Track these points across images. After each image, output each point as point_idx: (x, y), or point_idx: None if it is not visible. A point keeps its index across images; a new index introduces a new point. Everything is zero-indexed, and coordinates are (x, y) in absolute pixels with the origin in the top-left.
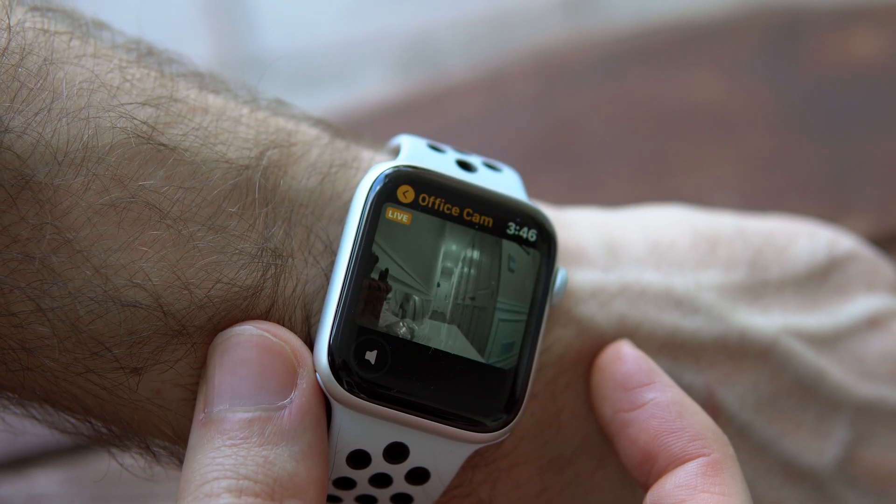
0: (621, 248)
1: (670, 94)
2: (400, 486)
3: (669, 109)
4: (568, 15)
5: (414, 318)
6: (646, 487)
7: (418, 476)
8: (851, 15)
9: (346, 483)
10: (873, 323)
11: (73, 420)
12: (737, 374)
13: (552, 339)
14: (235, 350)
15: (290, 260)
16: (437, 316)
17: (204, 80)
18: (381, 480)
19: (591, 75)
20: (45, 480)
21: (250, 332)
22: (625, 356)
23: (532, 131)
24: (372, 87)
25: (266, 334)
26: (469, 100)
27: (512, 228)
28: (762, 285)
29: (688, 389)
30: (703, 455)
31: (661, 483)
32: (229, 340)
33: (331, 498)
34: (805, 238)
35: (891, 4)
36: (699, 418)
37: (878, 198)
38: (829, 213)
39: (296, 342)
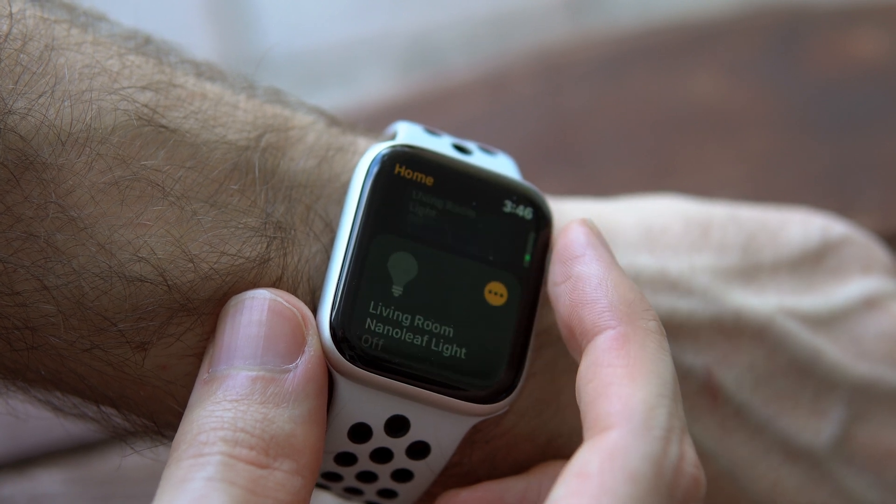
0: (615, 233)
1: (673, 93)
2: (401, 461)
3: (672, 109)
4: (570, 15)
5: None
6: None
7: (419, 451)
8: (854, 15)
9: (347, 458)
10: (869, 304)
11: (77, 402)
12: (734, 354)
13: (552, 321)
14: (246, 312)
15: (292, 232)
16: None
17: (201, 69)
18: (382, 455)
19: (593, 75)
20: (47, 480)
21: (263, 296)
22: (568, 229)
23: (534, 131)
24: (374, 86)
25: (279, 299)
26: (471, 100)
27: (508, 206)
28: (756, 268)
29: (688, 371)
30: (610, 327)
31: (582, 361)
32: (242, 303)
33: (332, 476)
34: (798, 223)
35: (893, 4)
36: (619, 290)
37: (880, 197)
38: (832, 212)
39: (306, 311)
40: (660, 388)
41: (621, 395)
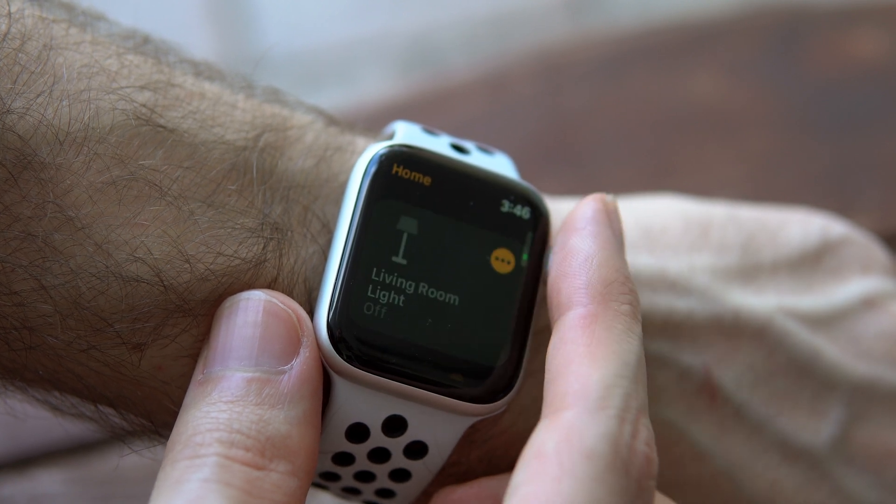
0: None
1: (672, 93)
2: (398, 461)
3: (672, 109)
4: (570, 15)
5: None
6: None
7: (417, 451)
8: (854, 15)
9: (344, 458)
10: (869, 303)
11: (75, 402)
12: (733, 353)
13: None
14: (241, 313)
15: (289, 234)
16: (434, 290)
17: (199, 68)
18: (380, 455)
19: (593, 75)
20: (47, 480)
21: (258, 297)
22: (583, 201)
23: (534, 131)
24: (373, 87)
25: (274, 300)
26: (471, 100)
27: (506, 206)
28: (755, 268)
29: (687, 370)
30: (581, 305)
31: (552, 336)
32: (237, 304)
33: (330, 476)
34: (797, 223)
35: (893, 4)
36: (602, 270)
37: (880, 197)
38: (832, 212)
39: (301, 312)
40: (619, 368)
41: (579, 375)
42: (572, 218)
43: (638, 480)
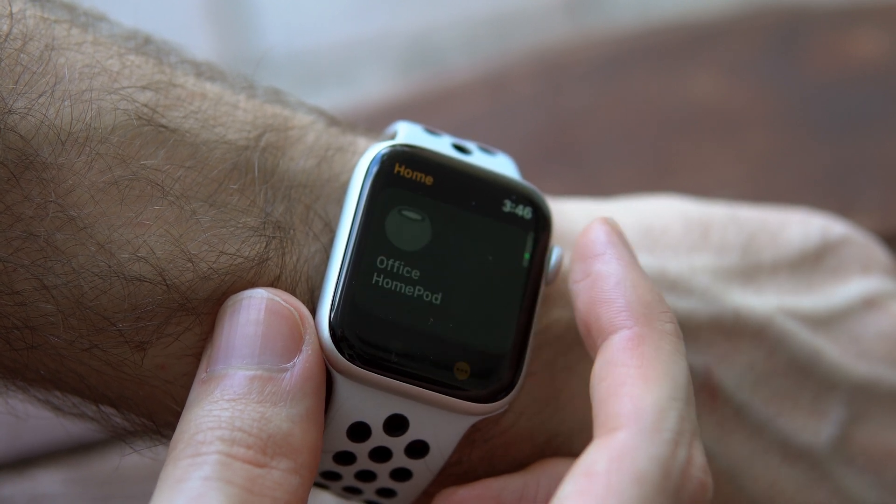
0: None
1: (672, 94)
2: (399, 460)
3: (672, 109)
4: (570, 15)
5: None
6: None
7: (418, 450)
8: (854, 15)
9: (345, 457)
10: (869, 304)
11: (77, 402)
12: (734, 354)
13: (551, 320)
14: (244, 312)
15: (291, 232)
16: (435, 290)
17: (201, 69)
18: (381, 454)
19: (593, 75)
20: (47, 480)
21: (261, 295)
22: (590, 228)
23: (534, 131)
24: (373, 87)
25: (277, 298)
26: (471, 100)
27: (507, 206)
28: (755, 268)
29: None
30: (626, 327)
31: (597, 359)
32: (240, 302)
33: (331, 475)
34: (798, 224)
35: (893, 4)
36: (637, 291)
37: (880, 197)
38: (832, 212)
39: (304, 310)
40: (672, 390)
41: (633, 396)
42: (586, 243)
43: None
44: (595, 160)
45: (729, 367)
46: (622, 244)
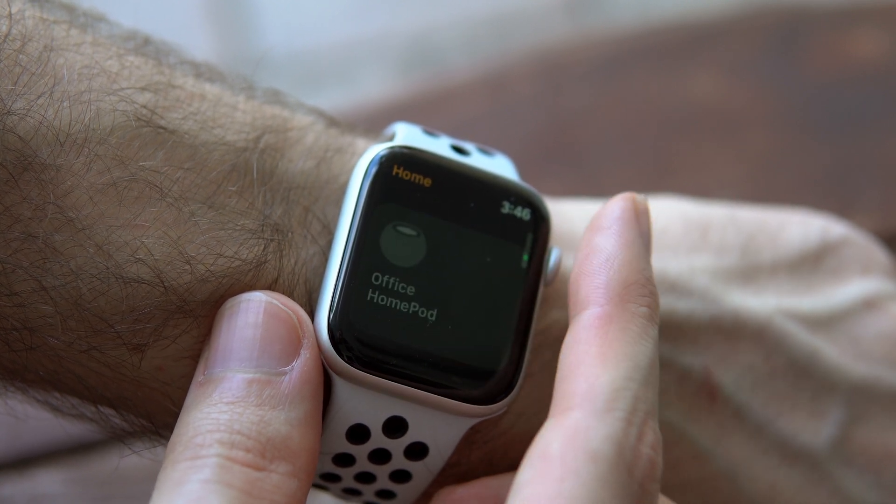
0: None
1: (672, 94)
2: (399, 462)
3: (671, 109)
4: (570, 15)
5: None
6: None
7: (417, 452)
8: (854, 15)
9: (345, 459)
10: (869, 305)
11: (76, 403)
12: (733, 355)
13: (551, 321)
14: (242, 314)
15: (290, 235)
16: (434, 291)
17: (200, 70)
18: (381, 456)
19: (593, 75)
20: (47, 480)
21: (259, 298)
22: (611, 201)
23: (534, 131)
24: (373, 87)
25: (275, 301)
26: (471, 100)
27: (506, 207)
28: (755, 269)
29: (687, 371)
30: (598, 305)
31: (567, 335)
32: (237, 305)
33: (330, 476)
34: (797, 224)
35: (893, 4)
36: (623, 271)
37: (880, 197)
38: (832, 213)
39: (302, 313)
40: (630, 371)
41: (588, 376)
42: (599, 216)
43: (641, 483)
44: (595, 160)
45: (728, 367)
46: (632, 223)
